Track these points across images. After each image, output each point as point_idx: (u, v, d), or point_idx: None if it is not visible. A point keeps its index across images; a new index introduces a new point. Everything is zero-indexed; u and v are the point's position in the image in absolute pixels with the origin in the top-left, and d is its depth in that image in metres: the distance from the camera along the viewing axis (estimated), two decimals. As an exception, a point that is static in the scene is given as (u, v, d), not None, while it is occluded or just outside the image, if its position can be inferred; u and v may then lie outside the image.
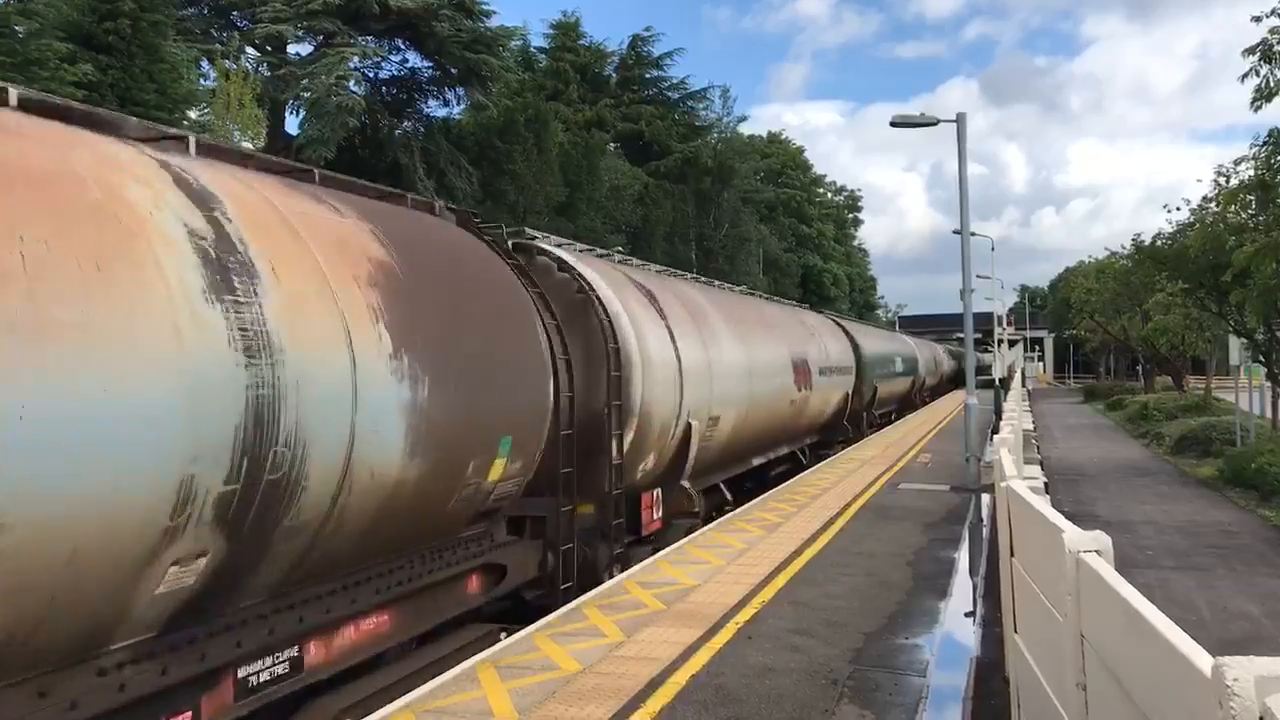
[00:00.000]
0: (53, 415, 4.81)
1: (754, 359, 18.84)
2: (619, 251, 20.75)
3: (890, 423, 39.24)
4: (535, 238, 13.56)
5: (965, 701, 7.79)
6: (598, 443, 12.37)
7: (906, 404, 47.76)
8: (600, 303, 12.84)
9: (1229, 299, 23.77)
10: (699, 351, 15.67)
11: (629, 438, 13.06)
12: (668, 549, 13.23)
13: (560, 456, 11.10)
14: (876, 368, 35.64)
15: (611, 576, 11.86)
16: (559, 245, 13.83)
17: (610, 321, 12.81)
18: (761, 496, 18.08)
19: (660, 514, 14.62)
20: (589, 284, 12.97)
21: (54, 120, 6.03)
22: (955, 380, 70.56)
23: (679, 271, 20.59)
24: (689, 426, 14.87)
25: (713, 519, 15.97)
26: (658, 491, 14.55)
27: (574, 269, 13.05)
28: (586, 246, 15.58)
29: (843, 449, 27.32)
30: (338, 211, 7.85)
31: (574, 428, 11.37)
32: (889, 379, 39.58)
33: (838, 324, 33.55)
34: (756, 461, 20.81)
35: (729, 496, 18.22)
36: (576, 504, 11.74)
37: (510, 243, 12.19)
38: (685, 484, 15.17)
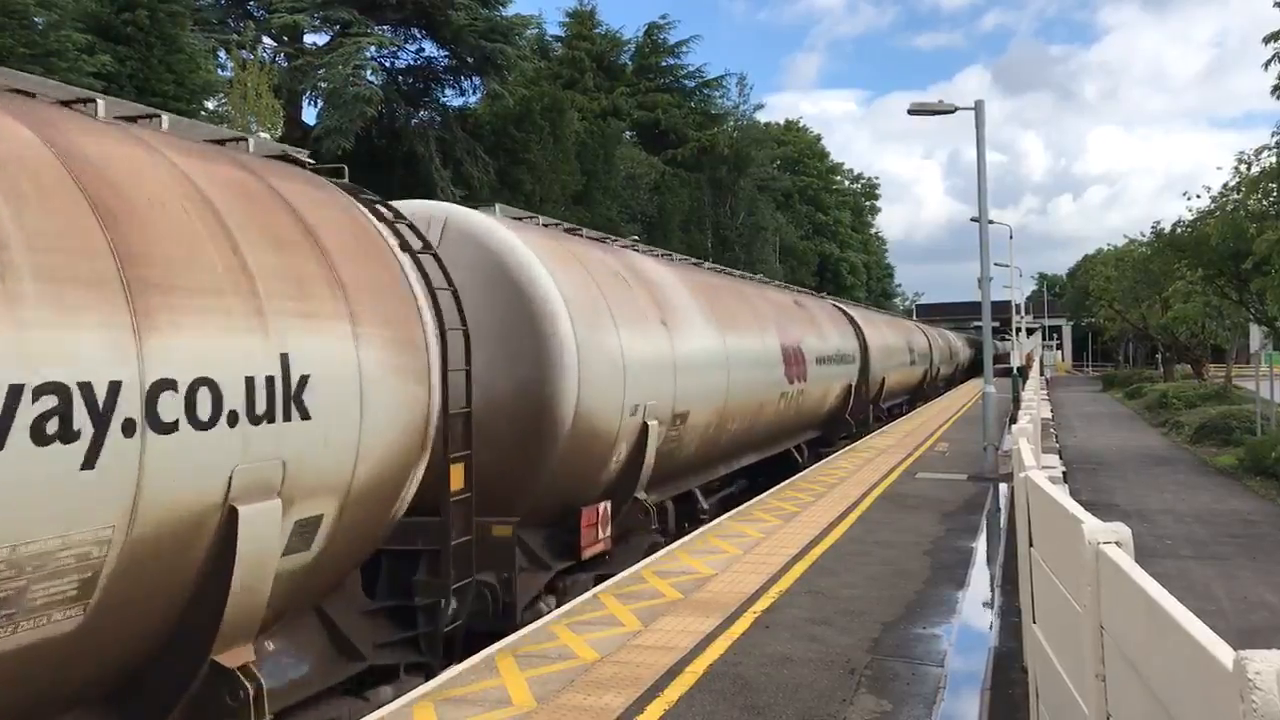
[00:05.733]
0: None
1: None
2: (635, 239, 20.37)
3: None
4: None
5: (983, 691, 7.78)
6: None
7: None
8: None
9: (1249, 286, 23.64)
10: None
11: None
12: (684, 539, 13.24)
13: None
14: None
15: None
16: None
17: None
18: (777, 486, 18.05)
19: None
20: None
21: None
22: (972, 369, 70.26)
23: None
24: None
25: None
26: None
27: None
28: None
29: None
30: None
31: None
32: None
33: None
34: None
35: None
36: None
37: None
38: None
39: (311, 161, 8.90)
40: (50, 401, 4.93)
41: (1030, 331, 62.63)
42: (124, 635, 5.82)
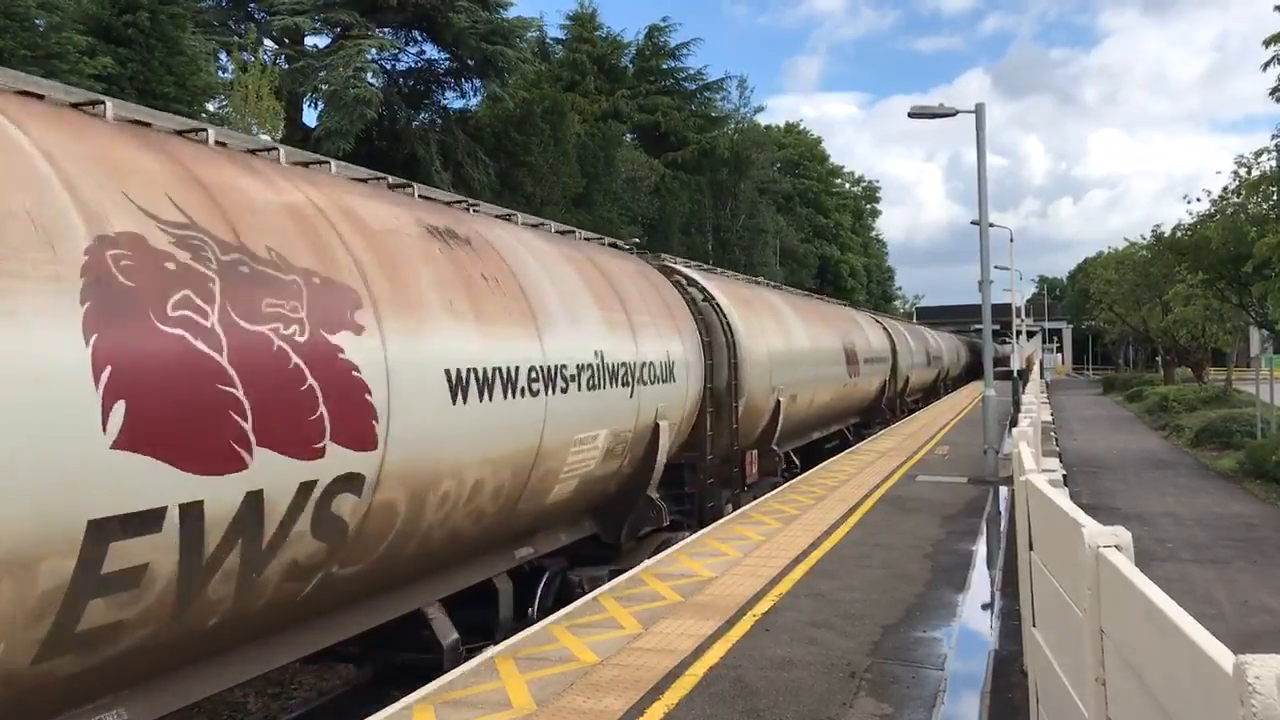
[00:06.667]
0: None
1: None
2: (705, 265, 22.77)
3: (921, 407, 43.81)
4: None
5: (983, 695, 7.78)
6: (722, 413, 16.36)
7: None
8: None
9: (1250, 290, 23.64)
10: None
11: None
12: (684, 541, 13.25)
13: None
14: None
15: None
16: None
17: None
18: (779, 489, 18.08)
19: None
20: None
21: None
22: (972, 372, 70.23)
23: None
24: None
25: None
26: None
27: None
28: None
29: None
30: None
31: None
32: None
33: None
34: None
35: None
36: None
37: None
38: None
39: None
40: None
41: (1030, 334, 62.56)
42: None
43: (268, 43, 37.26)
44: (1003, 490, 17.26)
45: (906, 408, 40.24)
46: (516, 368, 9.25)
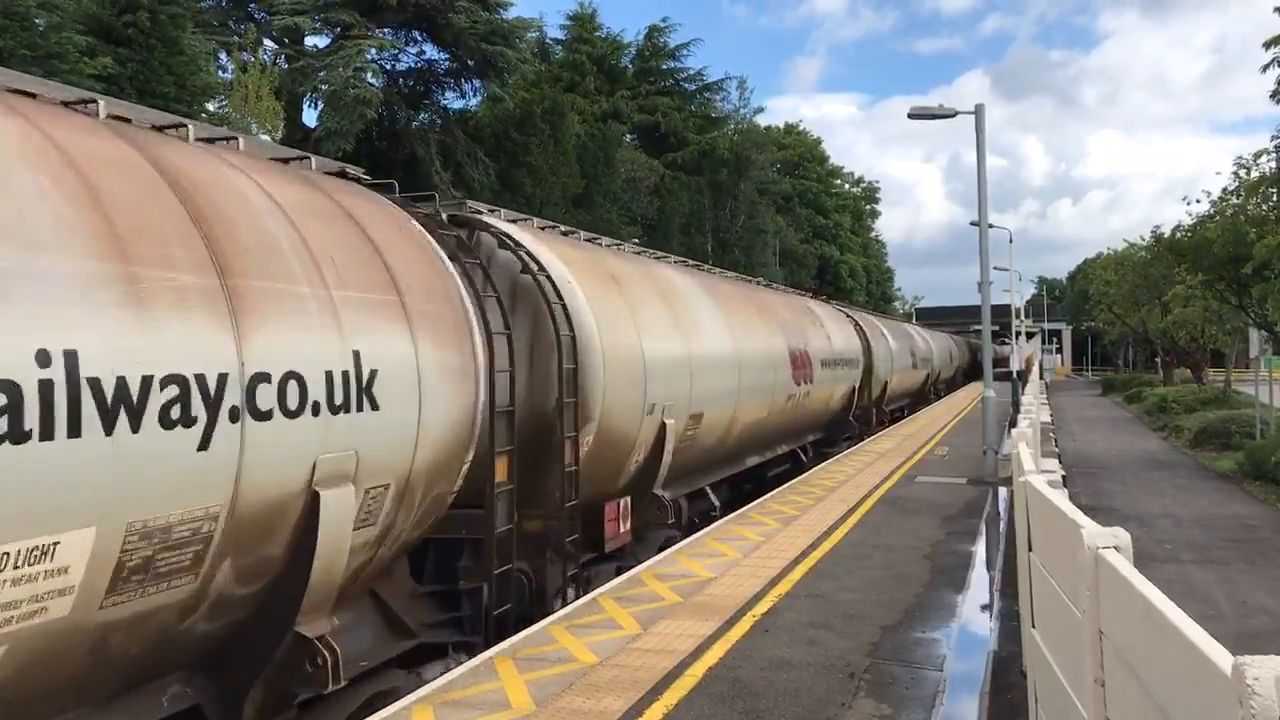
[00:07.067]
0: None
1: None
2: (635, 241, 20.61)
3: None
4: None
5: (982, 696, 7.78)
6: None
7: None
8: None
9: (1249, 291, 23.65)
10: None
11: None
12: (684, 542, 13.24)
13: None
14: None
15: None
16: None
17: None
18: (778, 489, 18.05)
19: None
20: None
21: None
22: (971, 373, 70.16)
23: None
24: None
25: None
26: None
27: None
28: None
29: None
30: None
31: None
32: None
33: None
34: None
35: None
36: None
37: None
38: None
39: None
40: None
41: (1030, 335, 62.58)
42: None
43: (268, 43, 37.31)
44: (1002, 491, 17.26)
45: (886, 418, 35.17)
46: None
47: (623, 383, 11.79)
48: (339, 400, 6.84)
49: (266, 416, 6.18)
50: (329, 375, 6.77)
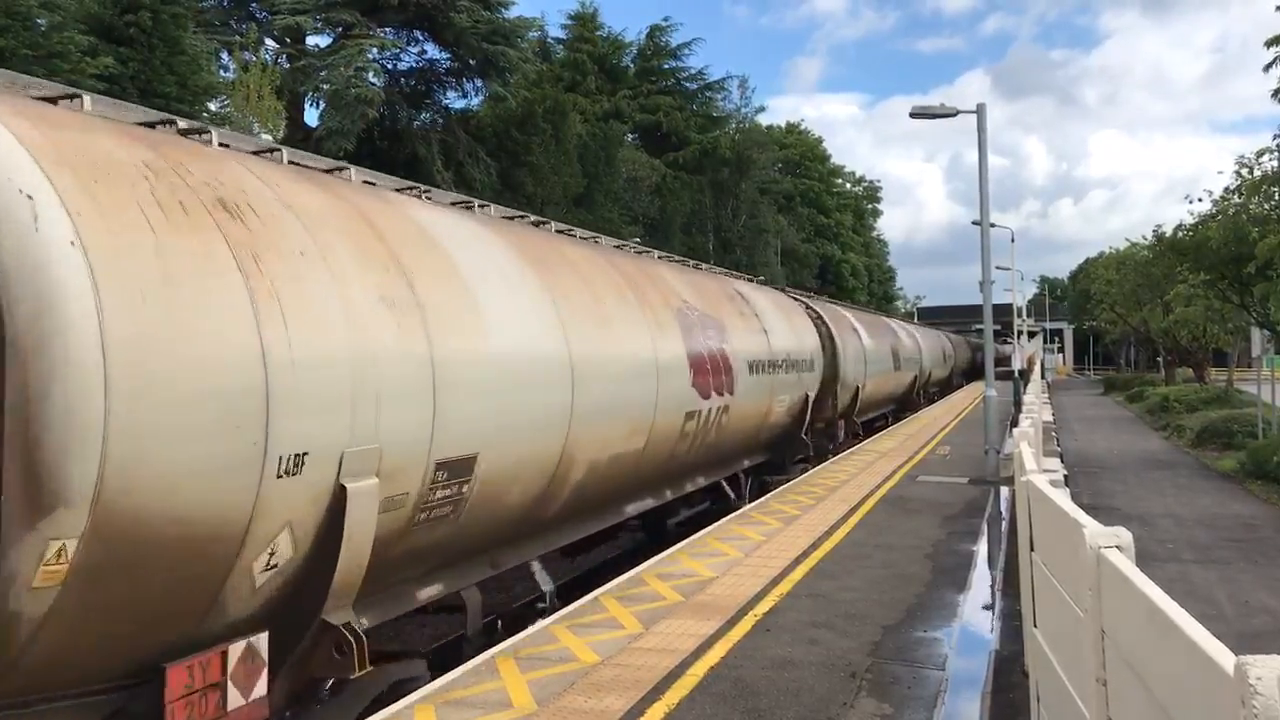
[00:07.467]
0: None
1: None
2: (635, 241, 20.56)
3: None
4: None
5: (984, 695, 7.77)
6: None
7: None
8: None
9: (1251, 290, 23.63)
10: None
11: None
12: (685, 541, 13.23)
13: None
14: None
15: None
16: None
17: None
18: (779, 489, 18.06)
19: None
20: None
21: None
22: (971, 373, 69.97)
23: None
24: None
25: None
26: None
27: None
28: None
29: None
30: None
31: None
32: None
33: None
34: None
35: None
36: None
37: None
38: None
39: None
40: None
41: (1032, 335, 62.59)
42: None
43: (269, 42, 37.33)
44: (1004, 491, 17.26)
45: (859, 432, 28.61)
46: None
47: (180, 417, 5.67)
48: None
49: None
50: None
